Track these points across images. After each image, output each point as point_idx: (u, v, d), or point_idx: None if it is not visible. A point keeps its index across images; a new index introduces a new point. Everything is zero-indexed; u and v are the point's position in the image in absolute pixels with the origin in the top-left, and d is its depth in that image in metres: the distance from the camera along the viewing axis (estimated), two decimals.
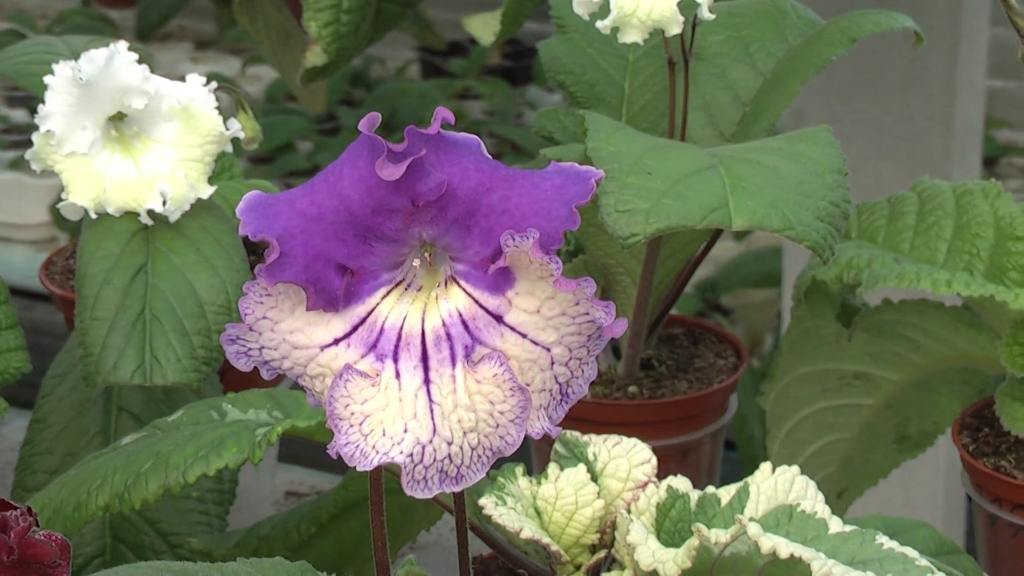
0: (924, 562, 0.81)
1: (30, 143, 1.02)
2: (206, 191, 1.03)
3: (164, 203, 1.02)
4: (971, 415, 1.09)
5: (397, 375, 0.66)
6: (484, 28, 1.31)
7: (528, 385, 0.66)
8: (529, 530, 0.88)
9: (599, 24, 1.00)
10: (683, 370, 1.16)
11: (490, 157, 0.66)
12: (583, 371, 0.67)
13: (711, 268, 2.71)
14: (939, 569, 0.82)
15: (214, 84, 1.05)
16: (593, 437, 0.94)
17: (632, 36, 0.99)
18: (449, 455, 0.65)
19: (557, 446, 0.94)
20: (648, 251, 1.08)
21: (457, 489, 0.65)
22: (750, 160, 0.94)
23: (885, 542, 0.82)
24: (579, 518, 0.91)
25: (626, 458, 0.92)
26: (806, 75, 1.08)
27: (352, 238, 0.65)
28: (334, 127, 3.40)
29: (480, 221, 0.65)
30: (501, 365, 0.65)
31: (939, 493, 1.87)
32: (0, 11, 4.05)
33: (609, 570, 0.91)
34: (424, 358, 0.66)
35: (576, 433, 0.94)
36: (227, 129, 1.04)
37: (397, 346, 0.66)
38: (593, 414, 1.11)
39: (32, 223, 3.06)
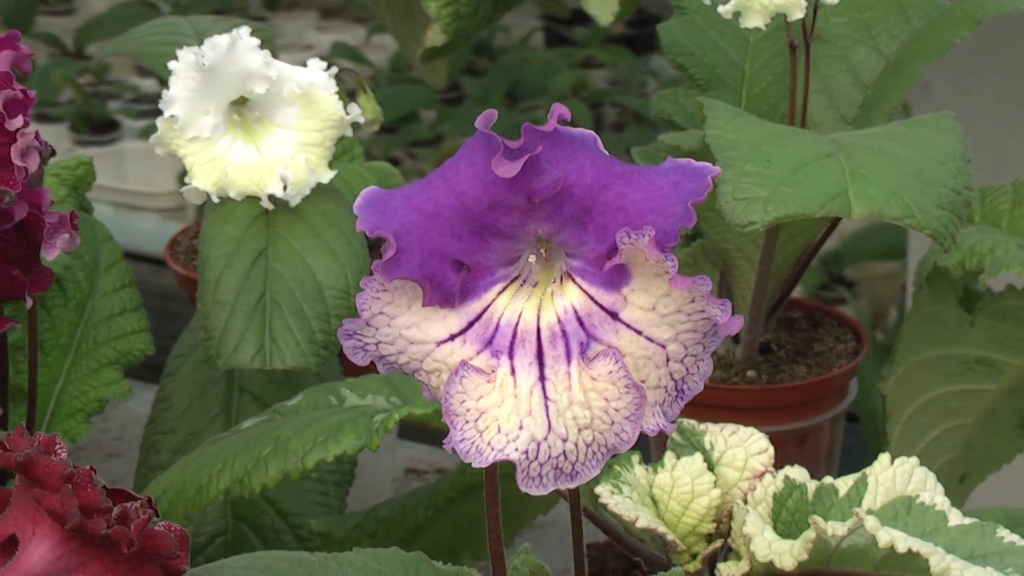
0: None
1: (161, 112, 1.04)
2: (326, 175, 1.04)
3: (285, 188, 1.03)
4: None
5: (512, 372, 0.66)
6: (603, 7, 1.30)
7: (643, 382, 0.66)
8: (645, 519, 0.88)
9: (721, 9, 0.99)
10: (802, 354, 1.15)
11: (606, 153, 0.66)
12: (698, 368, 0.67)
13: (835, 240, 2.69)
14: None
15: (335, 69, 1.06)
16: (710, 426, 0.93)
17: (754, 21, 0.99)
18: (564, 452, 0.65)
19: (674, 435, 0.94)
20: (767, 237, 1.07)
21: (572, 485, 0.65)
22: (870, 147, 0.93)
23: (1006, 535, 0.82)
24: (695, 507, 0.91)
25: (743, 447, 0.92)
26: (930, 58, 1.07)
27: (468, 234, 0.65)
28: (458, 96, 3.41)
29: (596, 218, 0.65)
30: (616, 362, 0.65)
31: None
32: None
33: (725, 559, 0.91)
34: (539, 355, 0.66)
35: (693, 422, 0.94)
36: (347, 114, 1.05)
37: (512, 343, 0.66)
38: (711, 399, 1.11)
39: (161, 192, 3.10)
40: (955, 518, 0.83)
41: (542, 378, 0.66)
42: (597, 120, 3.30)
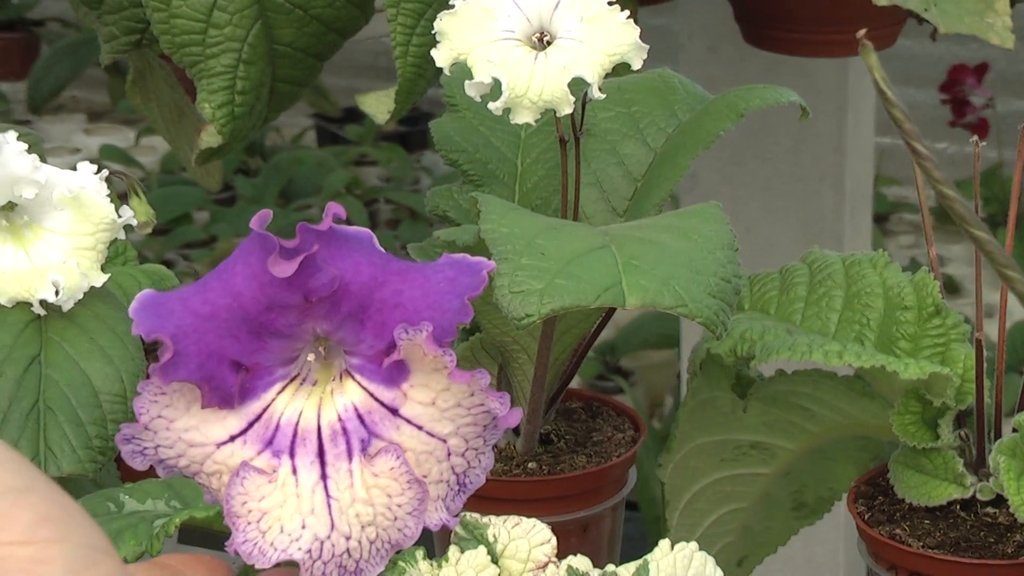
0: None
1: None
2: (99, 279, 1.03)
3: (57, 293, 1.01)
4: (866, 483, 1.10)
5: (294, 471, 0.66)
6: (378, 106, 1.31)
7: (425, 476, 0.66)
8: None
9: (491, 106, 1.01)
10: (582, 444, 1.16)
11: (383, 251, 0.67)
12: (480, 461, 0.67)
13: (611, 331, 2.73)
14: None
15: (105, 172, 1.05)
16: (493, 518, 0.94)
17: (524, 117, 1.00)
18: (348, 550, 0.65)
19: (457, 528, 0.94)
20: (544, 329, 1.08)
21: None
22: (642, 238, 0.95)
23: None
24: None
25: (526, 539, 0.92)
26: (695, 150, 1.10)
27: (246, 335, 0.65)
28: (230, 197, 3.39)
29: (373, 315, 0.65)
30: (398, 458, 0.66)
31: (840, 553, 1.89)
32: None
33: None
34: (321, 453, 0.66)
35: (476, 515, 0.94)
36: (119, 216, 1.04)
37: (293, 442, 0.66)
38: (493, 491, 1.11)
39: None
40: None
41: (324, 476, 0.66)
42: (372, 217, 3.31)
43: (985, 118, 3.09)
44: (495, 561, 0.92)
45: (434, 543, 1.17)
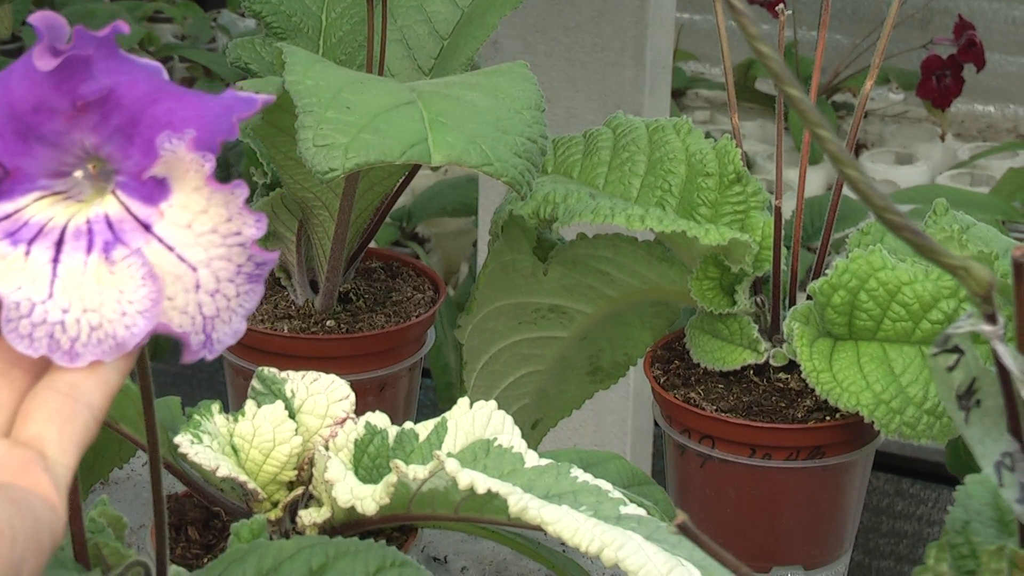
0: (617, 494, 0.83)
1: None
2: None
3: None
4: (662, 347, 1.11)
5: (27, 253, 0.64)
6: None
7: (170, 300, 0.64)
8: (226, 468, 0.87)
9: None
10: (381, 304, 1.15)
11: (168, 80, 0.65)
12: (230, 319, 0.64)
13: (407, 197, 2.71)
14: (631, 500, 0.83)
15: None
16: (291, 374, 0.93)
17: None
18: (63, 323, 0.63)
19: (254, 383, 0.93)
20: (346, 185, 1.07)
21: (70, 365, 0.62)
22: (449, 95, 0.94)
23: (579, 475, 0.84)
24: (276, 455, 0.90)
25: (324, 395, 0.92)
26: (504, 9, 1.09)
27: (11, 134, 0.64)
28: (18, 48, 3.30)
29: (143, 131, 0.64)
30: (141, 263, 0.63)
31: (628, 421, 1.92)
32: None
33: (307, 506, 0.90)
34: (59, 243, 0.64)
35: (274, 370, 0.93)
36: None
37: (36, 236, 0.64)
38: (291, 348, 1.10)
39: None
40: (531, 459, 0.85)
41: (56, 260, 0.64)
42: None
43: None
44: (293, 416, 0.92)
45: (229, 398, 1.16)
